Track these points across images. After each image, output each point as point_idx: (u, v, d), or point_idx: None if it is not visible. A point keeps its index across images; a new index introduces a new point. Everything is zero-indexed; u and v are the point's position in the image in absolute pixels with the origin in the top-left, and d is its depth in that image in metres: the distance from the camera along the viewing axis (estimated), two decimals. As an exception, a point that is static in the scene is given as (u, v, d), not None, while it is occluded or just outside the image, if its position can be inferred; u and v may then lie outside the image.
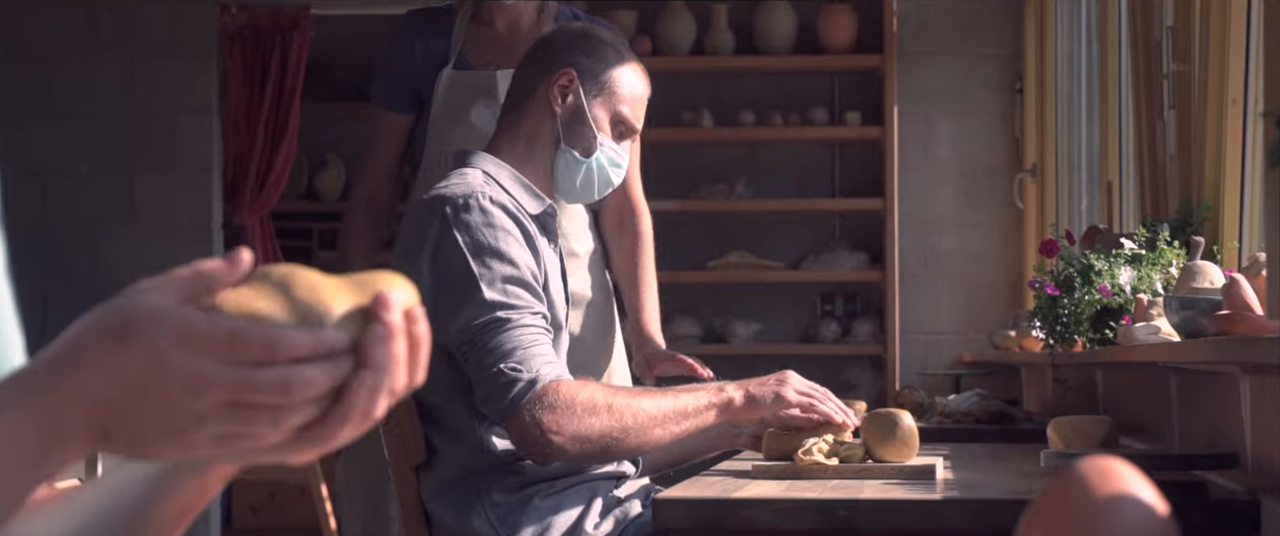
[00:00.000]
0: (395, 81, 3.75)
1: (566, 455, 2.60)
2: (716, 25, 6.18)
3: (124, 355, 0.95)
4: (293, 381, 0.96)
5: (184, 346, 0.94)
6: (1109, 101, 4.72)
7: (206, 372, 0.94)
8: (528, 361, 2.59)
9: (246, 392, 0.95)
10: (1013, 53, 6.12)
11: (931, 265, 6.22)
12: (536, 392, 2.57)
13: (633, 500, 2.75)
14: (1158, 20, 3.87)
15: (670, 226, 6.35)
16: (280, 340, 0.96)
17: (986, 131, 6.20)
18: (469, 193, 2.69)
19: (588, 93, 2.86)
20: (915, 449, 2.63)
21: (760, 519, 2.25)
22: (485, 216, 2.66)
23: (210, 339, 0.95)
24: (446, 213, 2.67)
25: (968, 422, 4.49)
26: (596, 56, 2.88)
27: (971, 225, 6.21)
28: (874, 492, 2.32)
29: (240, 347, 0.95)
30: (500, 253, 2.65)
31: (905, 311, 6.12)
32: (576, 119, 2.85)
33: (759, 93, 6.28)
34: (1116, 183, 4.58)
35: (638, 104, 2.92)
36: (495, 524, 2.65)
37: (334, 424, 0.99)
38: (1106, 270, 3.38)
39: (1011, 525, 2.19)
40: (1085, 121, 5.40)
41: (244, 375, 0.95)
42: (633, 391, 2.68)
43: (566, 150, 2.84)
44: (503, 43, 3.64)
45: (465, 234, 2.65)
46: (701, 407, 2.67)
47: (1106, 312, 3.37)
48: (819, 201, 6.26)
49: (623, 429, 2.59)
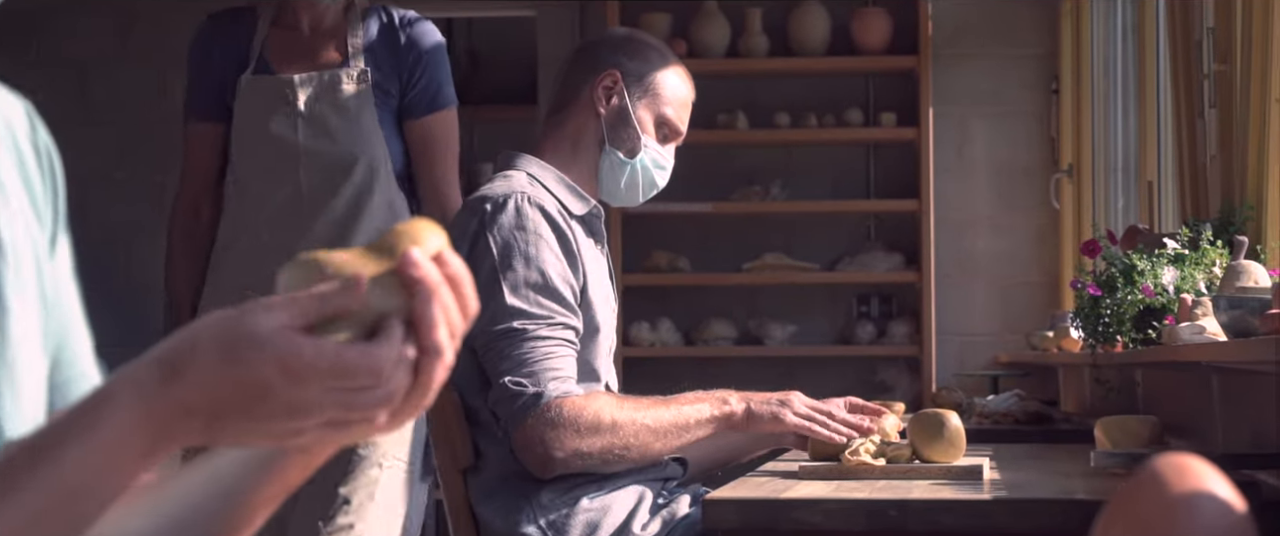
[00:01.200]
0: (199, 88, 3.68)
1: (567, 469, 2.65)
2: (750, 28, 6.18)
3: (232, 375, 0.98)
4: (393, 394, 1.00)
5: (289, 377, 0.97)
6: (1147, 101, 4.71)
7: (310, 400, 0.98)
8: (536, 375, 2.62)
9: (347, 413, 0.99)
10: (1048, 52, 6.11)
11: (967, 266, 6.21)
12: (540, 407, 2.60)
13: (680, 500, 2.75)
14: (1198, 20, 3.87)
15: (705, 228, 6.36)
16: (384, 362, 0.98)
17: (1022, 132, 6.19)
18: (508, 193, 2.71)
19: (632, 94, 2.87)
20: (962, 449, 2.63)
21: (810, 519, 2.25)
22: (519, 219, 2.68)
23: (315, 370, 0.97)
24: (485, 211, 2.69)
25: (1006, 423, 4.48)
26: (641, 58, 2.90)
27: (1007, 226, 6.20)
28: (923, 493, 2.32)
29: (348, 377, 0.98)
30: (529, 257, 2.66)
31: (940, 312, 6.11)
32: (621, 120, 2.86)
33: (793, 94, 6.27)
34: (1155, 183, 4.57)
35: (682, 107, 2.93)
36: (543, 526, 2.66)
37: (416, 397, 1.02)
38: (1149, 270, 3.37)
39: (1061, 525, 2.20)
40: (1122, 121, 5.39)
41: (346, 400, 0.99)
42: (638, 403, 2.70)
43: (611, 151, 2.85)
44: (305, 46, 3.58)
45: (498, 235, 2.67)
46: (703, 420, 2.72)
47: (1149, 312, 3.36)
48: (854, 203, 6.26)
49: (624, 446, 2.65)
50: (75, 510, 1.00)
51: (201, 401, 0.99)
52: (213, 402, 0.99)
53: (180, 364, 0.99)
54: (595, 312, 2.75)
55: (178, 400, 0.99)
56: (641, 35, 3.01)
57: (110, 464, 1.00)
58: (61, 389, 1.24)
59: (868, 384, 6.12)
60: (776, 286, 6.27)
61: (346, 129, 3.48)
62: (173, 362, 0.99)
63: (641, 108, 2.88)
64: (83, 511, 1.00)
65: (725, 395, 2.77)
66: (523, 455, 2.64)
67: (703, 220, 6.26)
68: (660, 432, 2.67)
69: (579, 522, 2.67)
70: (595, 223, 2.85)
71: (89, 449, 0.99)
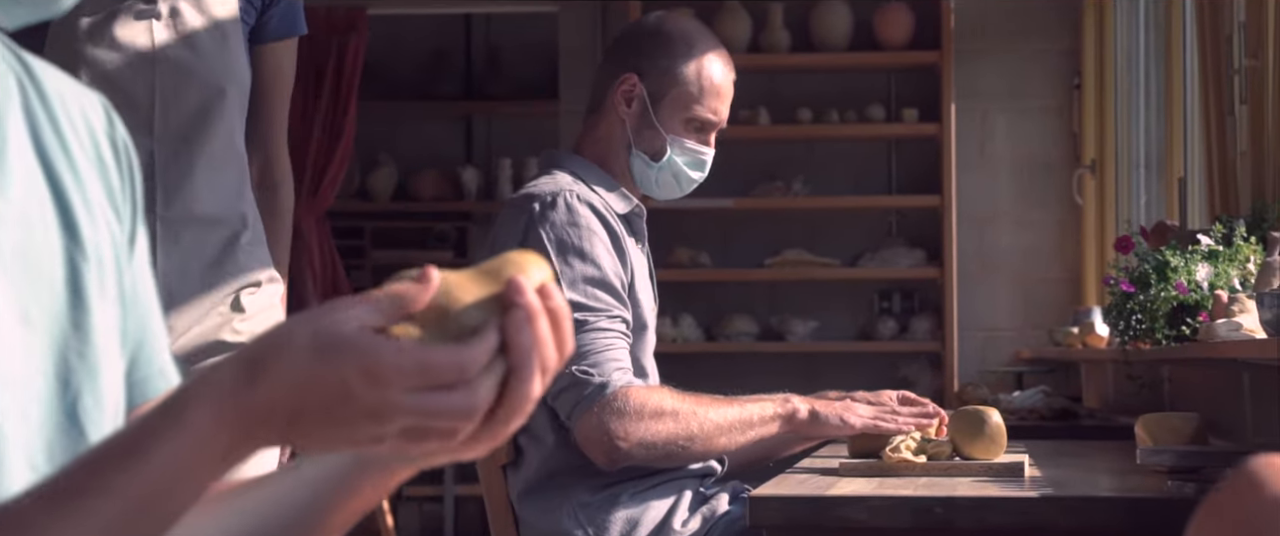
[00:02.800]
0: None
1: (631, 460, 2.63)
2: (772, 23, 6.18)
3: (316, 378, 0.97)
4: (476, 403, 0.98)
5: (372, 380, 0.97)
6: (1174, 97, 4.70)
7: (392, 402, 0.97)
8: (601, 365, 2.60)
9: (428, 418, 0.98)
10: (1071, 48, 6.10)
11: (988, 262, 6.21)
12: (606, 397, 2.59)
13: (720, 497, 2.75)
14: (1228, 16, 3.86)
15: (727, 224, 6.36)
16: (469, 364, 0.97)
17: (1044, 127, 6.18)
18: (557, 191, 2.70)
19: (653, 97, 2.82)
20: (1003, 446, 2.63)
21: (855, 516, 2.25)
22: (571, 215, 2.67)
23: (398, 372, 0.97)
24: (534, 210, 2.68)
25: (1032, 419, 4.48)
26: (663, 55, 2.82)
27: (1029, 221, 6.19)
28: (968, 489, 2.32)
29: (430, 377, 0.97)
30: (584, 253, 2.65)
31: (962, 308, 6.10)
32: (644, 124, 2.83)
33: (815, 90, 6.27)
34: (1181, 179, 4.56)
35: (713, 97, 2.85)
36: (584, 522, 2.66)
37: (502, 420, 1.01)
38: (1183, 267, 3.37)
39: (1108, 522, 2.20)
40: (1144, 117, 5.38)
41: (427, 402, 0.98)
42: (700, 398, 2.69)
43: (638, 154, 2.83)
44: None
45: (551, 232, 2.66)
46: (767, 418, 2.71)
47: (1183, 309, 3.35)
48: (876, 198, 6.25)
49: (688, 437, 2.63)
50: (155, 512, 1.00)
51: (283, 403, 0.98)
52: (294, 404, 0.98)
53: (263, 365, 0.99)
54: (641, 309, 2.75)
55: (259, 402, 0.99)
56: (669, 26, 2.88)
57: (190, 467, 1.00)
58: (139, 386, 1.24)
59: (889, 379, 6.11)
60: (798, 282, 6.26)
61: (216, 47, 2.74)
62: (255, 364, 0.99)
63: (664, 109, 2.83)
64: (162, 514, 1.00)
65: (787, 396, 2.76)
66: (587, 445, 2.62)
67: (724, 216, 6.25)
68: (724, 428, 2.66)
69: (619, 519, 2.66)
70: (637, 222, 2.84)
71: (169, 452, 0.99)
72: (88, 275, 1.16)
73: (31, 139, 1.16)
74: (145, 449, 0.99)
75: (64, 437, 1.14)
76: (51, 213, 1.15)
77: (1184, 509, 2.18)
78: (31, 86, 1.18)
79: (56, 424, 1.13)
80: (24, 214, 1.13)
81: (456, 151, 7.68)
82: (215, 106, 2.71)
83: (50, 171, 1.16)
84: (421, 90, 7.54)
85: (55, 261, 1.14)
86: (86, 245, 1.17)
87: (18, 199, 1.12)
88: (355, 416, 0.97)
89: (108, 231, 1.20)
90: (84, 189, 1.19)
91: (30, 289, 1.12)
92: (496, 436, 1.02)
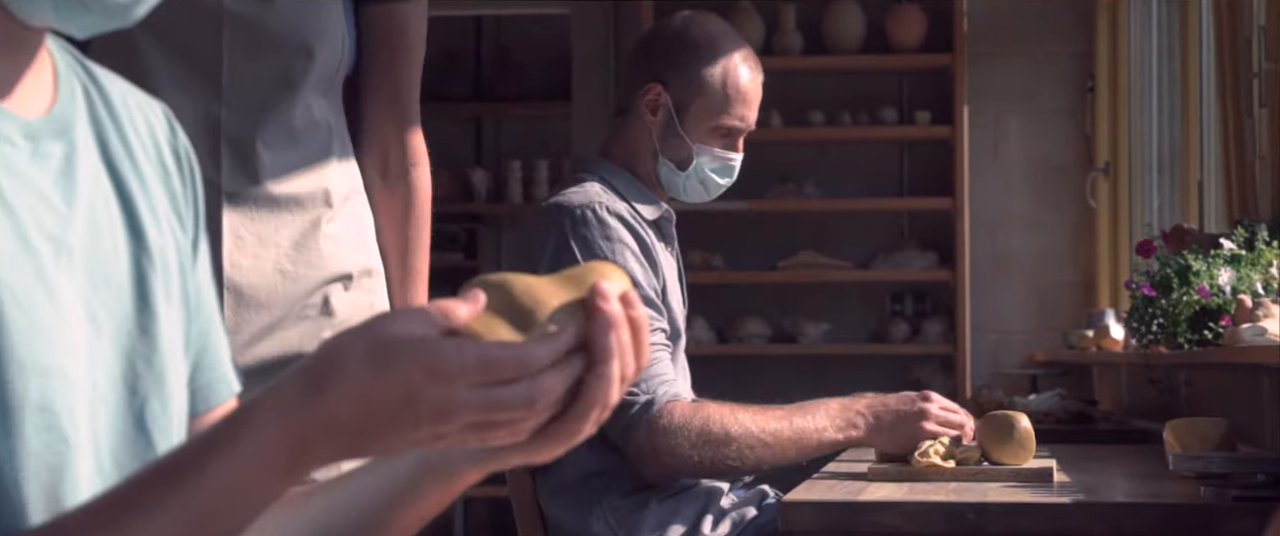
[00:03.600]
0: None
1: (684, 474, 2.62)
2: (784, 26, 6.18)
3: (379, 383, 0.97)
4: (536, 395, 0.98)
5: (436, 378, 0.96)
6: (1190, 100, 4.70)
7: (457, 399, 0.96)
8: (645, 381, 2.59)
9: (492, 413, 0.97)
10: (1084, 50, 6.10)
11: (1001, 264, 6.21)
12: (653, 414, 2.57)
13: (748, 504, 2.75)
14: (1247, 19, 3.86)
15: (739, 226, 6.35)
16: (529, 357, 0.97)
17: (1057, 130, 6.18)
18: (587, 203, 2.68)
19: (678, 106, 2.80)
20: (1032, 451, 2.63)
21: (888, 521, 2.25)
22: (603, 229, 2.65)
23: (461, 368, 0.97)
24: (566, 222, 2.66)
25: (1048, 423, 4.48)
26: (689, 61, 2.79)
27: (1042, 224, 6.19)
28: (1000, 495, 2.32)
29: (492, 372, 0.97)
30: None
31: (974, 311, 6.10)
32: (670, 133, 2.81)
33: (827, 92, 6.27)
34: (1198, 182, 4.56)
35: (740, 103, 2.83)
36: (614, 525, 2.66)
37: (574, 420, 1.02)
38: (1205, 271, 3.36)
39: (1142, 529, 2.20)
40: (1157, 120, 5.38)
41: (491, 396, 0.97)
42: (752, 412, 2.65)
43: (664, 162, 2.83)
44: None
45: (583, 246, 2.64)
46: (825, 443, 2.66)
47: (1205, 313, 3.35)
48: (888, 201, 6.25)
49: (738, 455, 2.61)
50: (214, 529, 1.00)
51: (347, 414, 0.98)
52: (360, 416, 0.98)
53: (323, 378, 0.98)
54: (674, 315, 2.74)
55: (321, 416, 0.98)
56: (695, 31, 2.83)
57: (248, 485, 0.99)
58: (200, 394, 1.24)
59: (902, 382, 6.10)
60: (810, 284, 6.26)
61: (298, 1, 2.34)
62: (316, 377, 0.99)
63: (690, 118, 2.81)
64: (222, 530, 1.00)
65: (845, 405, 2.70)
66: (640, 464, 2.62)
67: (737, 218, 6.25)
68: (777, 445, 2.63)
69: (649, 523, 2.66)
70: (666, 226, 2.84)
71: (228, 469, 0.98)
72: (154, 280, 1.16)
73: (98, 145, 1.16)
74: (202, 466, 0.99)
75: (131, 444, 1.14)
76: (118, 217, 1.16)
77: (1219, 515, 2.19)
78: (97, 93, 1.18)
79: (123, 431, 1.13)
80: (92, 219, 1.13)
81: (466, 153, 7.68)
82: (297, 69, 2.29)
83: (116, 177, 1.17)
84: (431, 91, 7.47)
85: (122, 266, 1.15)
86: (153, 250, 1.17)
87: (85, 203, 1.12)
88: (421, 418, 0.97)
89: (172, 237, 1.20)
90: (149, 194, 1.19)
91: (97, 293, 1.12)
92: (571, 436, 1.02)
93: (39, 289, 1.06)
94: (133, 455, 1.13)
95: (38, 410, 1.05)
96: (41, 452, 1.05)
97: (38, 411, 1.05)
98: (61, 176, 1.11)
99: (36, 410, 1.05)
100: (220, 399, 1.25)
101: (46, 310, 1.06)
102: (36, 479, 1.05)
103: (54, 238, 1.09)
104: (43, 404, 1.05)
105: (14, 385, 1.03)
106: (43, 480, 1.05)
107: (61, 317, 1.08)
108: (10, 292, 1.04)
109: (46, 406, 1.05)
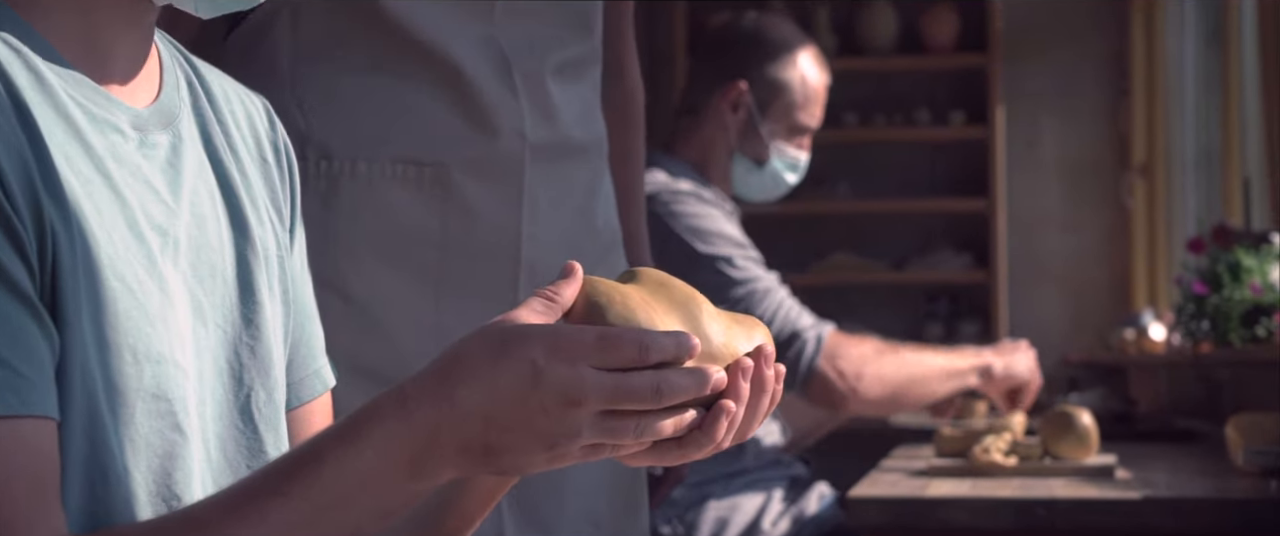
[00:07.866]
0: None
1: (867, 399, 2.67)
2: (818, 27, 6.16)
3: (503, 369, 0.95)
4: (663, 386, 0.97)
5: (558, 356, 0.95)
6: (1231, 97, 4.68)
7: (583, 379, 0.95)
8: (796, 322, 2.66)
9: (620, 398, 0.96)
10: (1119, 50, 6.07)
11: (1036, 265, 6.18)
12: (825, 347, 2.63)
13: (809, 499, 2.74)
14: (1292, 15, 3.84)
15: (772, 228, 6.33)
16: (650, 341, 0.96)
17: (1092, 130, 6.16)
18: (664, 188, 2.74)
19: (760, 105, 2.85)
20: (1093, 447, 2.61)
21: (955, 517, 2.23)
22: (687, 204, 2.71)
23: (582, 345, 0.95)
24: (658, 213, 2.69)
25: (1091, 422, 4.46)
26: (769, 60, 2.85)
27: (1077, 225, 6.17)
28: (1065, 491, 2.30)
29: (613, 348, 0.96)
30: (722, 232, 2.70)
31: (1010, 311, 6.08)
32: (749, 130, 2.85)
33: (861, 93, 6.25)
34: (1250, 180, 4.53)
35: (814, 102, 2.90)
36: (674, 520, 2.65)
37: (690, 447, 1.01)
38: (1256, 267, 3.35)
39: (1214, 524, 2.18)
40: (1194, 119, 5.36)
41: (618, 380, 0.96)
42: (899, 346, 2.79)
43: (741, 159, 2.85)
44: None
45: (678, 223, 2.68)
46: (964, 371, 2.77)
47: (1257, 310, 3.33)
48: (922, 202, 6.23)
49: (907, 378, 2.70)
50: (338, 522, 0.98)
51: (471, 402, 0.96)
52: (485, 402, 0.95)
53: (447, 368, 0.97)
54: None
55: (445, 406, 0.96)
56: (771, 31, 2.90)
57: (367, 477, 0.97)
58: (295, 388, 1.23)
59: (937, 383, 6.09)
60: (844, 286, 6.24)
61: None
62: (440, 368, 0.97)
63: (770, 118, 2.86)
64: (340, 523, 0.98)
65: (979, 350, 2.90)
66: (824, 396, 2.69)
67: (770, 219, 6.22)
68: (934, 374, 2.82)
69: (709, 519, 2.65)
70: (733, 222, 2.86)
71: (350, 457, 0.97)
72: (257, 271, 1.16)
73: (201, 137, 1.16)
74: (324, 454, 0.98)
75: (237, 434, 1.13)
76: (221, 209, 1.15)
77: (1292, 509, 2.17)
78: (200, 85, 1.18)
79: (230, 420, 1.12)
80: (196, 210, 1.12)
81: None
82: None
83: (219, 169, 1.16)
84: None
85: (226, 257, 1.14)
86: (256, 241, 1.16)
87: (190, 194, 1.12)
88: (547, 404, 0.95)
89: (272, 229, 1.20)
90: (251, 186, 1.18)
91: (202, 284, 1.11)
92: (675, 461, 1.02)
93: (151, 279, 1.05)
94: (239, 445, 1.13)
95: (152, 397, 1.04)
96: (154, 440, 1.04)
97: (152, 398, 1.04)
98: (167, 167, 1.11)
99: (150, 397, 1.04)
100: (314, 393, 1.24)
101: (158, 299, 1.05)
102: (149, 466, 1.04)
103: (161, 228, 1.08)
104: (156, 392, 1.04)
105: (127, 373, 1.02)
106: (155, 468, 1.04)
107: (171, 307, 1.07)
108: (123, 281, 1.03)
109: (160, 394, 1.04)
